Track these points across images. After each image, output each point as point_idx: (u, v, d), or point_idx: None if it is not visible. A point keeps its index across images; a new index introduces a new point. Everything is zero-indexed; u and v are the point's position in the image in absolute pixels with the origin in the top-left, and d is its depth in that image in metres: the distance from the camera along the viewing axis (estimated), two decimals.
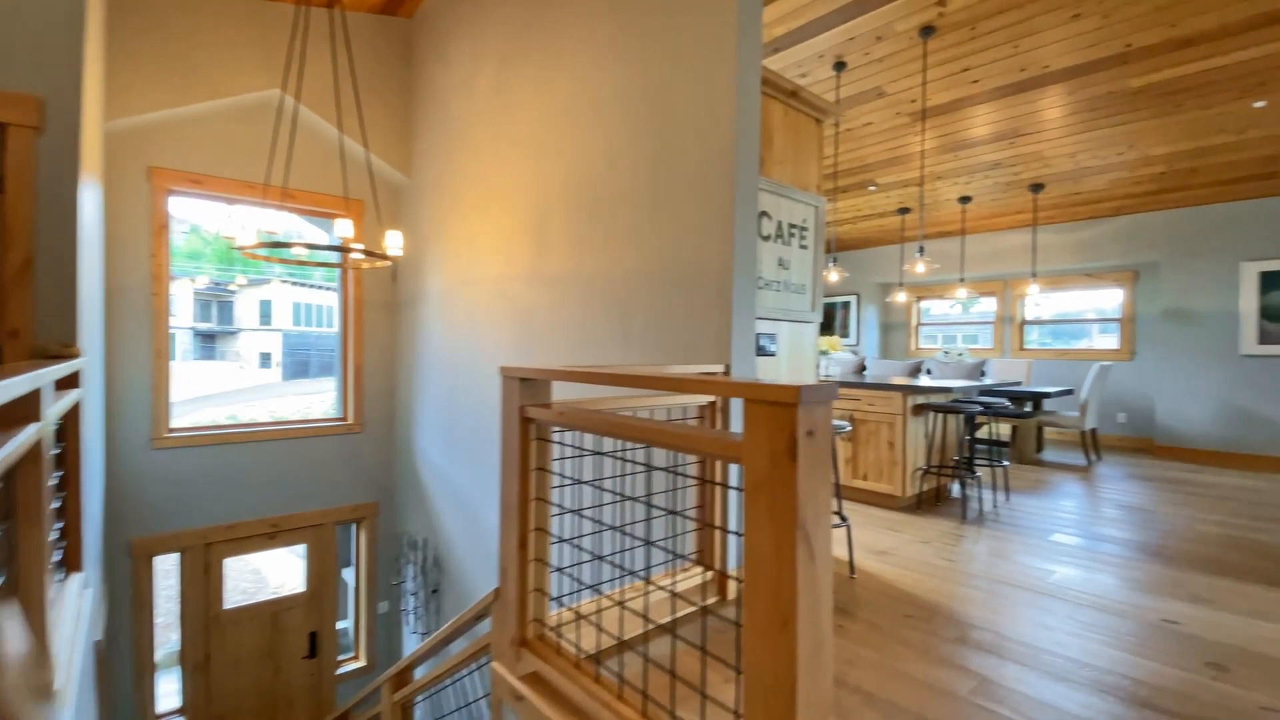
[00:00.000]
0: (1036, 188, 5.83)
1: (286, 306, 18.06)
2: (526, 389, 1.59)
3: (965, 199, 6.39)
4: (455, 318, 4.21)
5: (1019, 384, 5.79)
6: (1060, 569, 2.71)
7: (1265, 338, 5.32)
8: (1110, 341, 6.79)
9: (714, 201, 2.34)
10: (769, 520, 0.95)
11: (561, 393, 1.69)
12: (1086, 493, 4.26)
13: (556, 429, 1.60)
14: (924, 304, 8.58)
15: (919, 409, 3.84)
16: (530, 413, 1.58)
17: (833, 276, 4.87)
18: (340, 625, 5.25)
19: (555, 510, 1.65)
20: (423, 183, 4.73)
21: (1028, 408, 5.73)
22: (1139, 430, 6.43)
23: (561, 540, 1.62)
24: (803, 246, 2.91)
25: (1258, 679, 1.80)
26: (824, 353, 4.67)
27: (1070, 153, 5.14)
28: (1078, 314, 7.13)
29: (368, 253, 3.29)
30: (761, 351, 2.74)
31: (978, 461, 4.34)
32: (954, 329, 8.44)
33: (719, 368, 2.23)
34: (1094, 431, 5.50)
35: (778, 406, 0.94)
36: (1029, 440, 5.49)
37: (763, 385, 0.99)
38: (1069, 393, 5.66)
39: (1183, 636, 2.07)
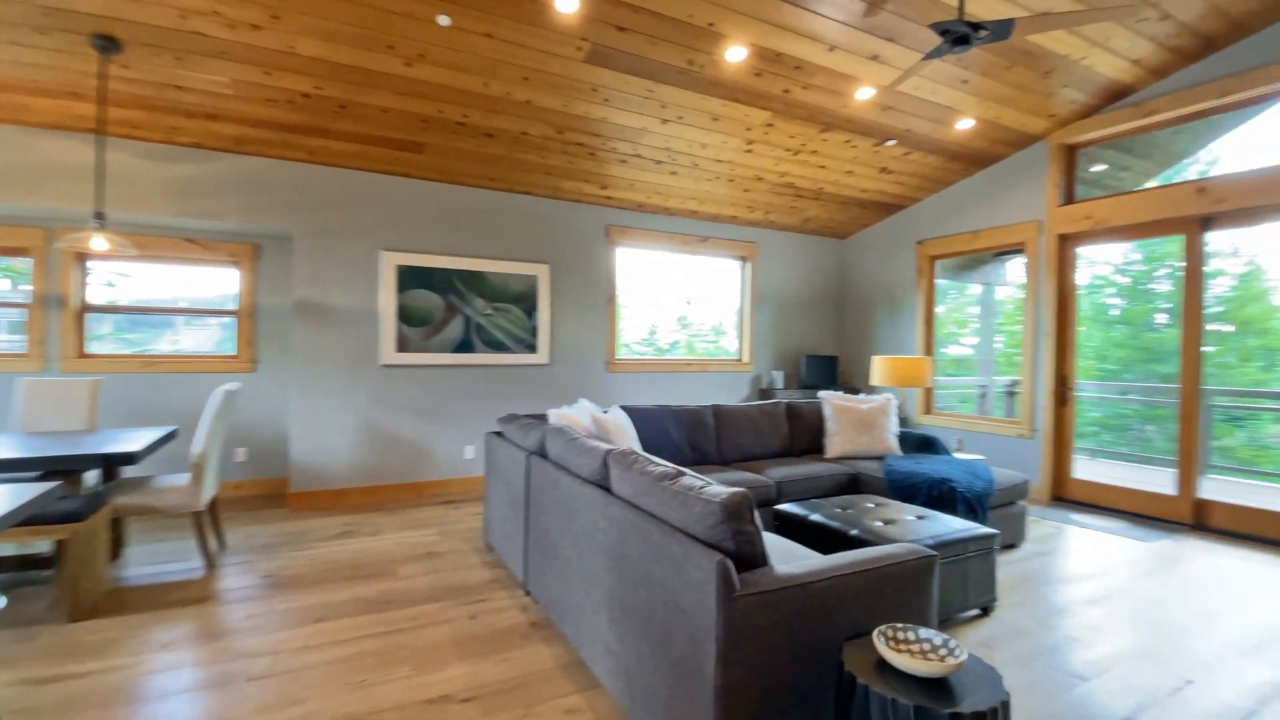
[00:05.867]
0: (108, 44, 2.99)
1: None
2: None
3: None
4: None
5: (78, 436, 2.89)
6: None
7: (404, 344, 4.65)
8: (204, 341, 4.77)
9: None
10: None
11: None
12: None
13: None
14: None
15: None
16: None
17: None
18: None
19: None
20: None
21: (92, 481, 2.93)
22: (265, 471, 4.73)
23: None
24: None
25: None
26: None
27: None
28: (182, 301, 4.72)
29: None
30: None
31: None
32: None
33: None
34: (214, 505, 3.30)
35: None
36: (99, 551, 2.68)
37: None
38: (172, 436, 3.22)
39: None
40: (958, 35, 2.58)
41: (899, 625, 1.36)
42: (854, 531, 2.46)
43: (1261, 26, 3.73)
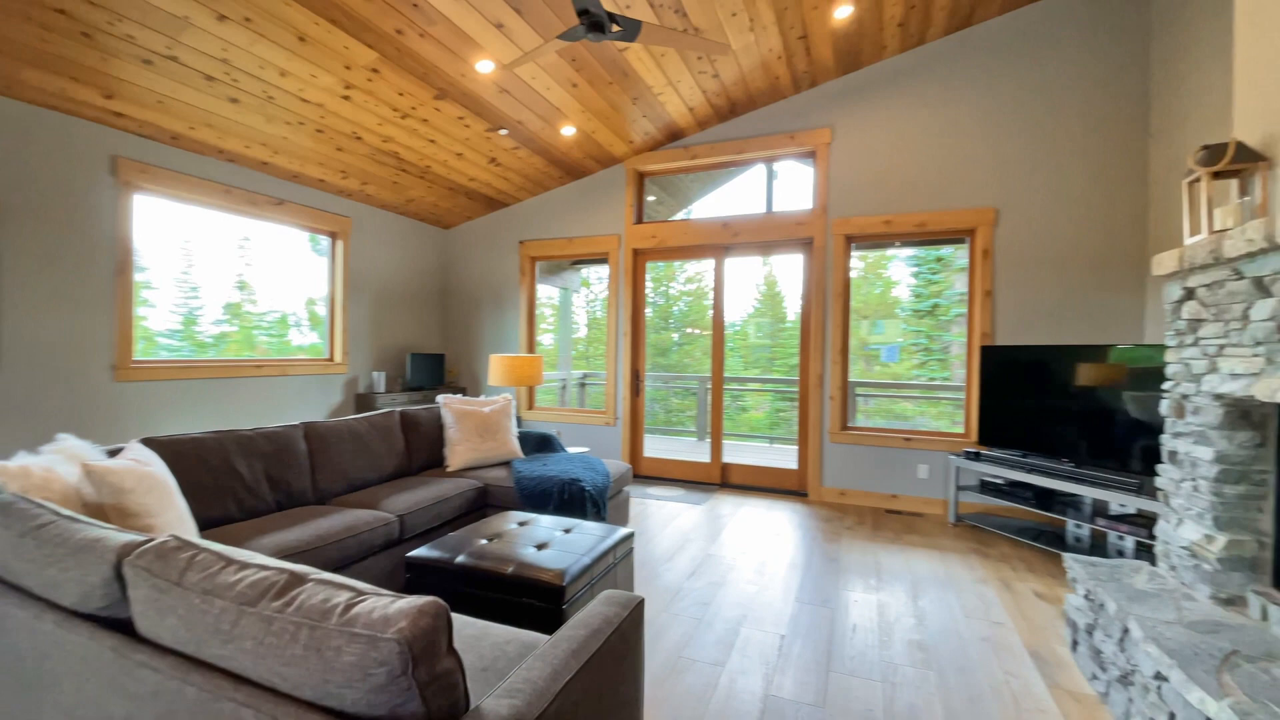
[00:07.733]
0: None
1: None
2: None
3: None
4: None
5: None
6: None
7: None
8: None
9: None
10: None
11: None
12: None
13: None
14: None
15: None
16: None
17: None
18: None
19: None
20: None
21: None
22: None
23: None
24: None
25: None
26: None
27: None
28: None
29: None
30: None
31: None
32: None
33: None
34: None
35: None
36: None
37: None
38: None
39: None
40: (595, 20, 2.49)
41: None
42: (510, 569, 2.11)
43: (763, 104, 5.00)
